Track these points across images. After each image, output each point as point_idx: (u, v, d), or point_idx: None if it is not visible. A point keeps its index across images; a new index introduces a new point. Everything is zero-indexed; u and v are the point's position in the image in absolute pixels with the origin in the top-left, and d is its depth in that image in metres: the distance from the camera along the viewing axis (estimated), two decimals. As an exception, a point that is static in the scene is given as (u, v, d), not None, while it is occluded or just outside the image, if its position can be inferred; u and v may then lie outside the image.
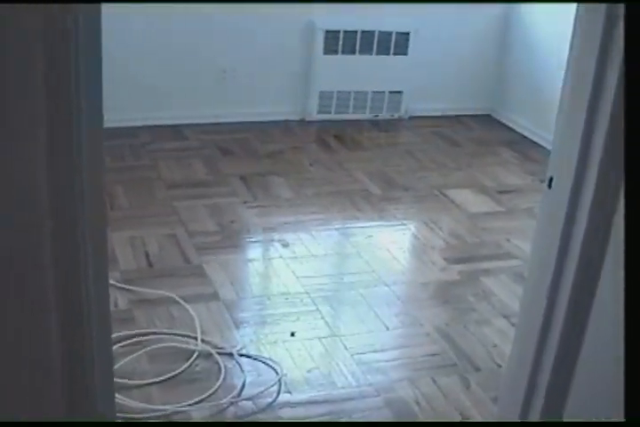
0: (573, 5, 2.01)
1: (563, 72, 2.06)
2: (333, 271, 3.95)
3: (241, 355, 3.18)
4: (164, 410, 2.85)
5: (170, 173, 4.87)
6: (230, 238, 4.12)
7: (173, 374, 3.04)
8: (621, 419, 1.60)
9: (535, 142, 5.73)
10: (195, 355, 3.16)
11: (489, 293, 3.76)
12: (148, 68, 5.44)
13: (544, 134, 5.41)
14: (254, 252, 4.13)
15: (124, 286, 3.56)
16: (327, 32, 5.69)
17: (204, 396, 2.93)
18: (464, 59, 6.17)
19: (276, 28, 5.63)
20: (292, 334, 3.34)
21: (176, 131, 5.51)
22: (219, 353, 3.18)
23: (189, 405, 2.89)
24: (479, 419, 2.90)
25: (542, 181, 2.25)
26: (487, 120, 6.27)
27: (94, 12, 1.52)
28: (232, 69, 5.65)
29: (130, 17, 5.15)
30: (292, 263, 3.91)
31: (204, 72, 5.61)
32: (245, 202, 4.55)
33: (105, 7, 1.56)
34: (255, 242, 4.15)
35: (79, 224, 1.57)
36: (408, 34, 5.86)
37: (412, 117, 6.11)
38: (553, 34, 5.51)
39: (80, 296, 1.63)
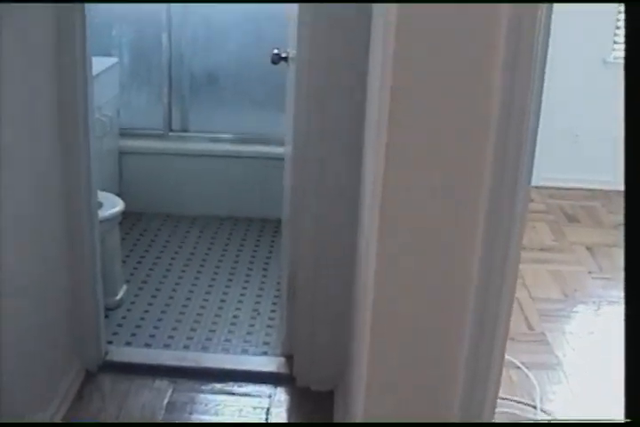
0: None
1: None
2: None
3: (580, 430, 3.11)
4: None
5: (514, 234, 4.87)
6: (574, 308, 4.06)
7: (510, 440, 3.03)
8: None
9: None
10: (533, 424, 3.13)
11: None
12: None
13: None
14: (598, 324, 4.01)
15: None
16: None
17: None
18: None
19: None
20: None
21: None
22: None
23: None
24: None
25: None
26: None
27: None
28: (585, 134, 5.60)
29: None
30: None
31: (557, 133, 5.53)
32: (590, 272, 4.46)
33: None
34: (599, 315, 4.04)
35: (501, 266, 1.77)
36: None
37: None
38: None
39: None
